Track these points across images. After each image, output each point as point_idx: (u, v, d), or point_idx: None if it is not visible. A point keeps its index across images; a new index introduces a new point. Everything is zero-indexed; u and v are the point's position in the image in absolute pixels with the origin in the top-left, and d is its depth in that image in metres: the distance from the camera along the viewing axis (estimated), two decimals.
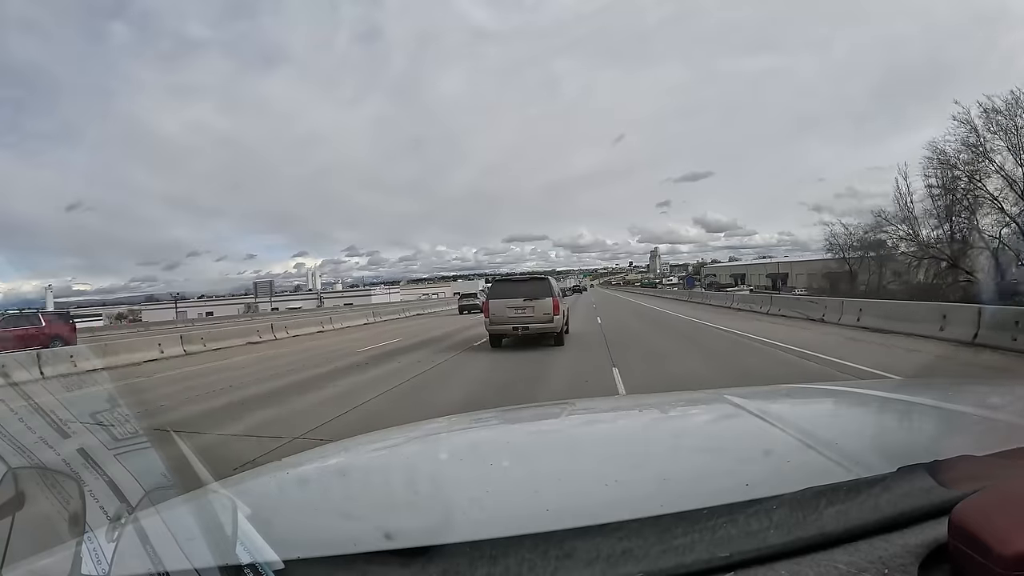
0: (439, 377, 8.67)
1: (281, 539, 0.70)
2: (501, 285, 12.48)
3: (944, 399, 1.40)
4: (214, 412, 6.61)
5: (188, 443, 1.25)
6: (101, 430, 1.11)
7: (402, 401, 6.87)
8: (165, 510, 0.86)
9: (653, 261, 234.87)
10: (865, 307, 13.62)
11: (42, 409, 1.09)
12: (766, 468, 0.93)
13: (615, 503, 0.81)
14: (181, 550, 0.70)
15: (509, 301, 11.73)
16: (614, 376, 7.74)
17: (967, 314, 9.78)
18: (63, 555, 0.73)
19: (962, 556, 0.55)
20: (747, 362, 8.72)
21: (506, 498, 0.90)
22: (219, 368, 11.39)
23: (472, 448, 1.33)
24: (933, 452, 0.76)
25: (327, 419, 5.85)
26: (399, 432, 1.51)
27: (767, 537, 0.62)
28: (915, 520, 0.64)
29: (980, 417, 1.16)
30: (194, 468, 1.15)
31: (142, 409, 5.38)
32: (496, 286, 12.49)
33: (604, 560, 0.59)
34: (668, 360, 9.23)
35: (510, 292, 11.92)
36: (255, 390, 8.11)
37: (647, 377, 7.64)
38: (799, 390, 1.82)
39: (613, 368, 8.35)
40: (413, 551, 0.62)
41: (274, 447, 4.67)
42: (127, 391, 8.51)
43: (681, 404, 1.75)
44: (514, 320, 11.61)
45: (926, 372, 7.32)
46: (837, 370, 7.51)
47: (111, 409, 1.26)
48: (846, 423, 1.30)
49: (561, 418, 1.69)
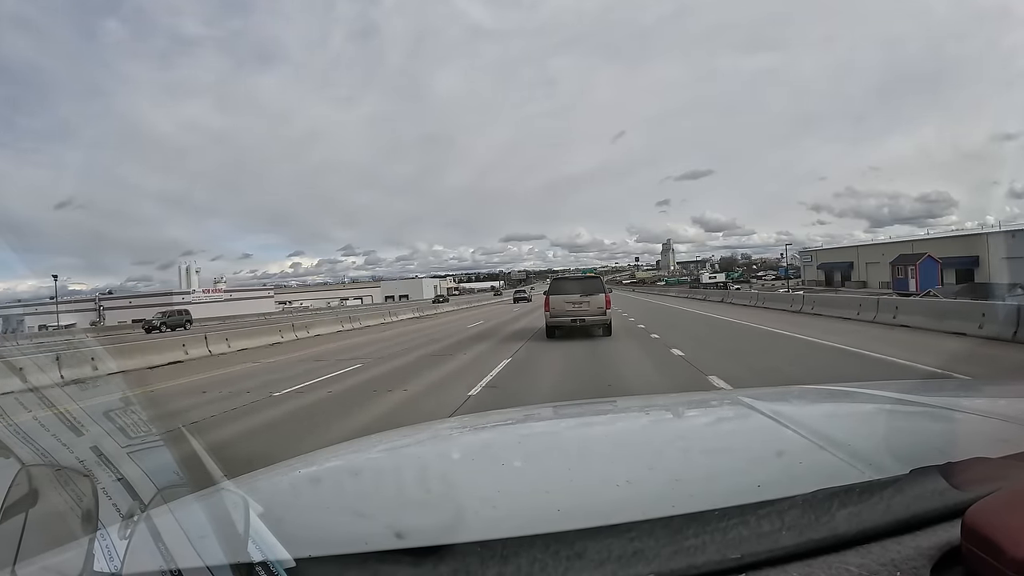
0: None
1: (293, 537, 0.71)
2: (559, 283, 14.05)
3: (957, 401, 1.39)
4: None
5: (200, 441, 1.26)
6: (114, 428, 1.12)
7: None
8: (177, 508, 0.87)
9: (665, 256, 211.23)
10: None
11: (55, 407, 1.10)
12: (778, 469, 0.92)
13: (626, 503, 0.81)
14: (193, 548, 0.70)
15: (567, 297, 13.20)
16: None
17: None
18: (76, 552, 0.74)
19: (975, 559, 0.55)
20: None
21: (517, 498, 0.90)
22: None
23: (483, 448, 1.33)
24: (946, 454, 0.76)
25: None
26: (410, 432, 1.51)
27: (779, 539, 0.62)
28: (928, 522, 0.64)
29: (994, 418, 1.15)
30: (206, 466, 1.15)
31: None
32: (555, 284, 13.97)
33: (615, 560, 0.59)
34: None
35: (568, 289, 13.45)
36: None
37: None
38: (811, 391, 1.80)
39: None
40: (424, 550, 0.62)
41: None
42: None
43: (693, 404, 1.74)
44: (572, 313, 13.01)
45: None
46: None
47: (124, 408, 1.27)
48: (859, 424, 1.29)
49: (572, 418, 1.69)
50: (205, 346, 14.65)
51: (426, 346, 13.64)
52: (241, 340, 16.25)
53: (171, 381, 9.75)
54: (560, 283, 14.05)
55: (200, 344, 14.60)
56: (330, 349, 14.43)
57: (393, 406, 6.45)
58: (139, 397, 1.40)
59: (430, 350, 12.58)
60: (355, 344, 15.54)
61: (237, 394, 7.77)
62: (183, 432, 1.44)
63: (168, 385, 9.30)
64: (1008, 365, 7.26)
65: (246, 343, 16.18)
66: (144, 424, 1.21)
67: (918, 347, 8.81)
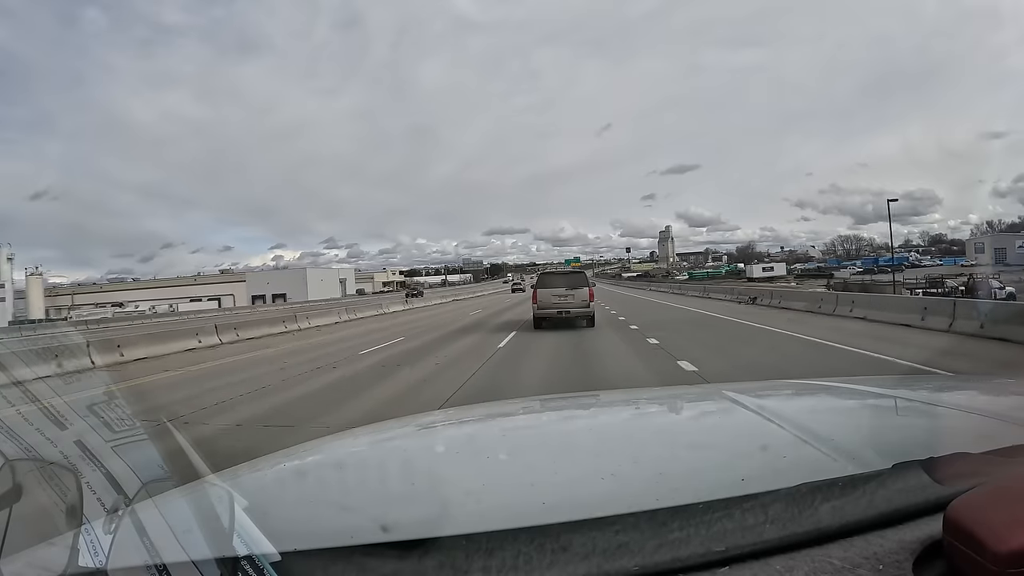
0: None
1: (278, 531, 0.70)
2: (546, 277, 14.85)
3: (940, 396, 1.40)
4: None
5: (185, 435, 1.25)
6: (98, 422, 1.11)
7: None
8: (162, 502, 0.87)
9: (663, 246, 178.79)
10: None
11: (39, 401, 1.09)
12: (762, 463, 0.93)
13: (611, 497, 0.81)
14: (178, 542, 0.70)
15: (553, 290, 14.04)
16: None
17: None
18: (61, 547, 0.73)
19: (957, 552, 0.55)
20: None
21: (502, 491, 0.90)
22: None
23: (468, 441, 1.33)
24: (929, 449, 0.77)
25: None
26: (396, 425, 1.51)
27: (762, 532, 0.62)
28: (910, 516, 0.65)
29: (976, 414, 1.16)
30: (191, 460, 1.15)
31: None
32: (542, 278, 14.84)
33: (600, 554, 0.60)
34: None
35: (554, 283, 14.29)
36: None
37: None
38: (796, 385, 1.82)
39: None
40: (410, 543, 0.62)
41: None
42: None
43: (678, 398, 1.75)
44: (557, 305, 13.86)
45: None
46: None
47: (108, 401, 1.26)
48: (842, 419, 1.30)
49: (557, 412, 1.69)
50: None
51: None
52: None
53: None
54: (547, 277, 14.85)
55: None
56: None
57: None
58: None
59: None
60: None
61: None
62: (168, 426, 1.42)
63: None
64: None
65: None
66: (128, 418, 1.20)
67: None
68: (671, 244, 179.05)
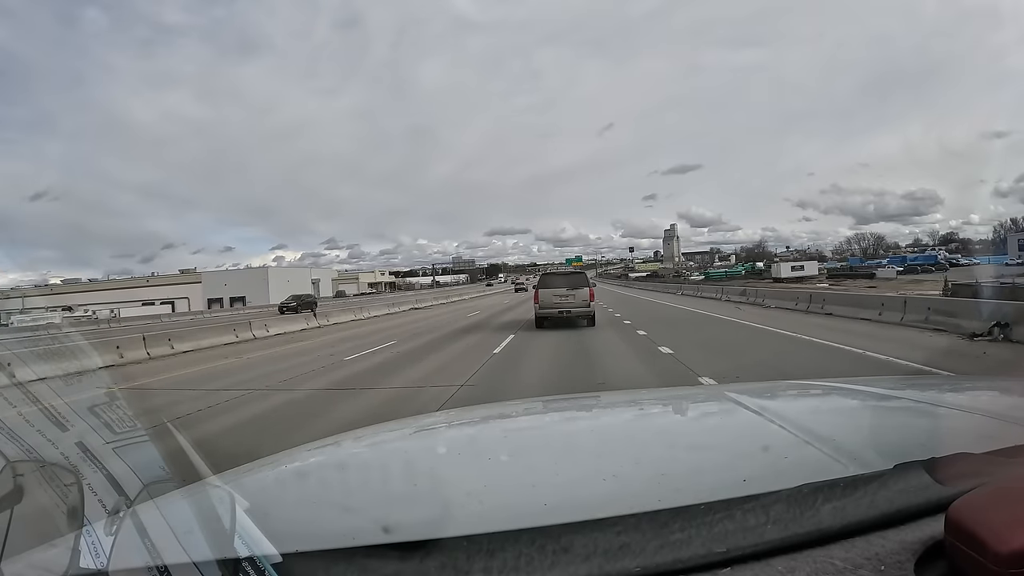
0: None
1: (279, 532, 0.70)
2: (548, 277, 15.12)
3: (941, 396, 1.40)
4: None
5: (186, 436, 1.25)
6: (99, 423, 1.11)
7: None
8: (163, 503, 0.87)
9: (668, 245, 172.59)
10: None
11: (40, 402, 1.09)
12: (763, 464, 0.93)
13: (612, 498, 0.81)
14: (179, 543, 0.70)
15: (555, 290, 14.26)
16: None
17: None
18: (62, 548, 0.73)
19: (958, 553, 0.55)
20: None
21: (503, 492, 0.90)
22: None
23: (470, 442, 1.33)
24: (930, 449, 0.77)
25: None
26: (397, 426, 1.51)
27: (764, 533, 0.62)
28: (912, 517, 0.65)
29: (977, 415, 1.16)
30: (192, 461, 1.15)
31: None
32: (543, 278, 15.10)
33: (601, 555, 0.60)
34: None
35: (555, 283, 14.51)
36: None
37: None
38: (797, 386, 1.82)
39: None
40: (411, 545, 0.62)
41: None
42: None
43: (679, 399, 1.75)
44: (559, 305, 14.08)
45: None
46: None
47: (109, 403, 1.26)
48: (844, 420, 1.30)
49: (558, 413, 1.69)
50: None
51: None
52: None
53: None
54: (548, 278, 15.07)
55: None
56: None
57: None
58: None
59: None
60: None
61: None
62: (169, 427, 1.42)
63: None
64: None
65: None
66: (129, 419, 1.20)
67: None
68: (676, 243, 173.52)
